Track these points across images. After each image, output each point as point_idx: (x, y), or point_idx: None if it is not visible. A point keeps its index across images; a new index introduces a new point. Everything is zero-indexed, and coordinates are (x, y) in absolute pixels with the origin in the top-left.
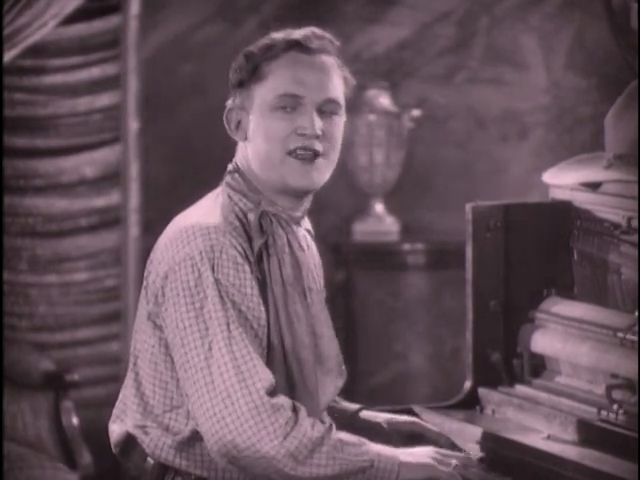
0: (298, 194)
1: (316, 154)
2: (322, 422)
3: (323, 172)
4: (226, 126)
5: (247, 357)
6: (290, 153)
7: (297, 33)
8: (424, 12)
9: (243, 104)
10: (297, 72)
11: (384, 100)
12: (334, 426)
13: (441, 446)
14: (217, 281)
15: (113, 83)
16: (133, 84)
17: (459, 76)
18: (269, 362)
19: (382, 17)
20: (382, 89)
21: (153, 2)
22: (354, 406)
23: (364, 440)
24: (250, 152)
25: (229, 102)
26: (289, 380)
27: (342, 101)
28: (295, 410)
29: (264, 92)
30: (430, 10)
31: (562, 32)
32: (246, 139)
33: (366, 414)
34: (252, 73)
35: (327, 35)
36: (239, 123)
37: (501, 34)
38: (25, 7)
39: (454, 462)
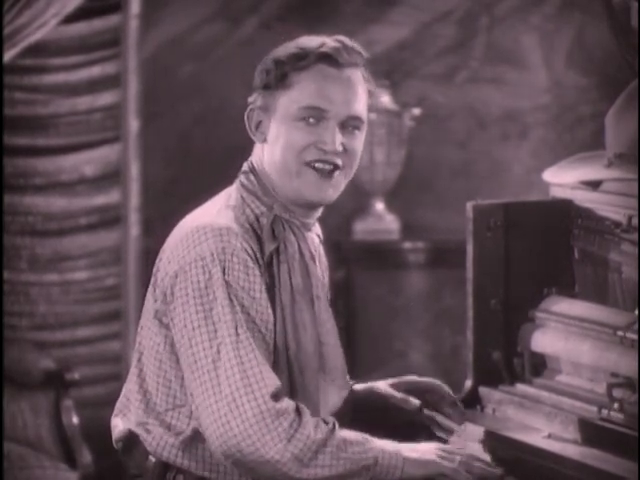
0: (306, 206)
1: (335, 167)
2: (325, 422)
3: (339, 187)
4: (246, 124)
5: (254, 362)
6: (307, 164)
7: (327, 45)
8: (424, 12)
9: (266, 107)
10: (324, 86)
11: (385, 99)
12: (337, 425)
13: (441, 395)
14: (227, 283)
15: (113, 82)
16: (133, 83)
17: (459, 75)
18: (273, 366)
19: (382, 17)
20: (383, 88)
21: (153, 1)
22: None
23: (368, 437)
24: (267, 156)
25: (250, 99)
26: (291, 385)
27: (365, 117)
28: (298, 412)
29: (289, 101)
30: (430, 10)
31: (562, 32)
32: (264, 141)
33: (360, 387)
34: (279, 80)
35: (356, 47)
36: (259, 124)
37: (501, 34)
38: (25, 6)
39: (458, 458)
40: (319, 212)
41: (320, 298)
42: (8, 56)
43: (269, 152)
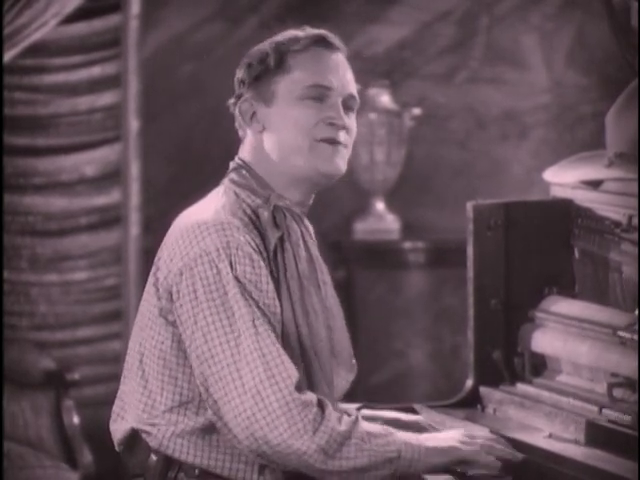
0: (319, 182)
1: (342, 144)
2: (348, 415)
3: (345, 161)
4: (239, 118)
5: (275, 353)
6: (319, 141)
7: (314, 31)
8: (424, 11)
9: (261, 96)
10: (324, 65)
11: (385, 99)
12: (360, 418)
13: None
14: (236, 278)
15: (113, 82)
16: (133, 83)
17: (459, 75)
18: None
19: (382, 16)
20: (383, 88)
21: (153, 1)
22: (353, 406)
23: (391, 430)
24: (269, 143)
25: (232, 100)
26: (308, 373)
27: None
28: (320, 405)
29: (289, 83)
30: (430, 9)
31: (562, 31)
32: (263, 130)
33: (365, 413)
34: (277, 64)
35: (337, 37)
36: (254, 114)
37: (501, 33)
38: (25, 6)
39: (479, 441)
40: (310, 200)
41: (326, 283)
42: (8, 56)
43: (271, 138)
